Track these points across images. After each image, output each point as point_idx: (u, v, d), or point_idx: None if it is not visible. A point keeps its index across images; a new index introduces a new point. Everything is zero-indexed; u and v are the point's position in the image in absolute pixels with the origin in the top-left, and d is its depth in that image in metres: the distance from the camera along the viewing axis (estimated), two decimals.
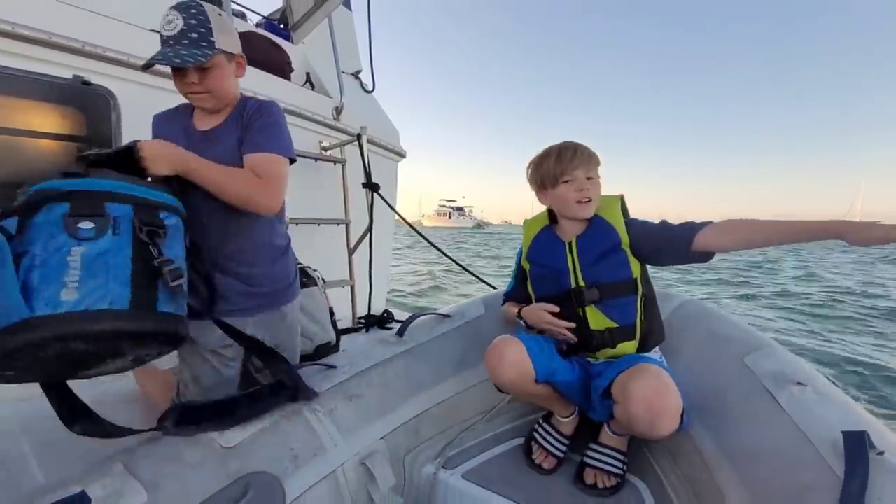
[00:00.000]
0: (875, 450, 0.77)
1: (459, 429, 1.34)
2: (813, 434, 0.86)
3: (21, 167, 1.43)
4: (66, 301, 0.72)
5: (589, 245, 1.19)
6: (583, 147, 1.21)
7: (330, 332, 1.83)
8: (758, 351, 1.13)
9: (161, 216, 0.90)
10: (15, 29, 1.41)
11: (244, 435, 0.96)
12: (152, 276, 0.83)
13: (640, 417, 0.93)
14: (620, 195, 1.24)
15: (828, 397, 0.95)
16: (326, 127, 2.53)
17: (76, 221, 0.77)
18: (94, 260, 0.76)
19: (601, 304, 1.16)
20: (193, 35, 1.04)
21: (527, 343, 1.12)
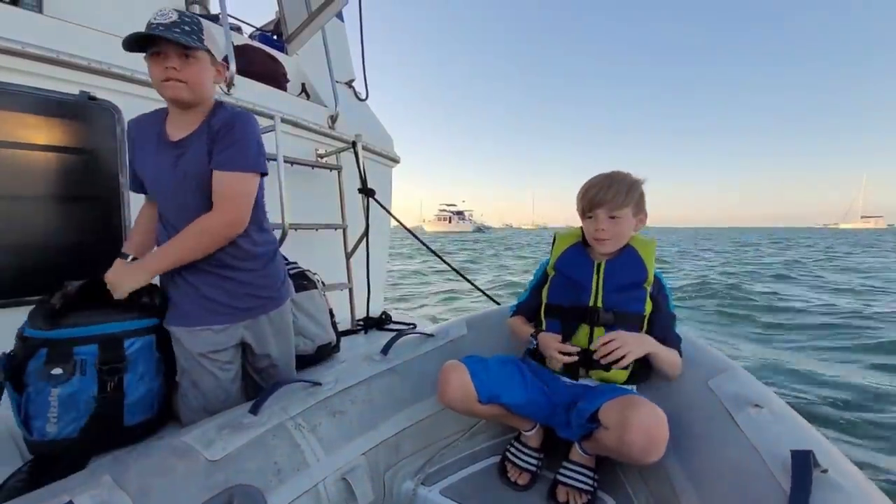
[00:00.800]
0: (819, 468, 0.83)
1: (439, 446, 1.37)
2: (765, 453, 0.92)
3: (31, 179, 1.49)
4: (49, 432, 1.09)
5: (616, 271, 1.24)
6: (616, 183, 1.22)
7: (330, 333, 1.89)
8: (721, 374, 1.18)
9: (126, 345, 1.16)
10: (24, 48, 1.48)
11: (230, 448, 0.98)
12: (116, 402, 1.14)
13: (635, 444, 0.97)
14: (654, 241, 1.27)
15: (782, 418, 1.01)
16: (322, 135, 2.60)
17: (51, 368, 1.07)
18: (66, 399, 1.09)
19: (611, 328, 1.19)
20: (185, 27, 1.07)
21: (471, 367, 1.20)
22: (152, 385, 1.22)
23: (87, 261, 1.63)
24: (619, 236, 1.23)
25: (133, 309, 1.20)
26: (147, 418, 1.21)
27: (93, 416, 1.10)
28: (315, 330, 1.81)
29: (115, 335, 1.14)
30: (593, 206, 1.22)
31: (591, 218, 1.24)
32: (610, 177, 1.24)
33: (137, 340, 1.18)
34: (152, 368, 1.22)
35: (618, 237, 1.23)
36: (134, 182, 1.26)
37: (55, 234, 1.55)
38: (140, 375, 1.18)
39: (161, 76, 1.09)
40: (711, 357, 1.28)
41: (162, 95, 1.13)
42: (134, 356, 1.17)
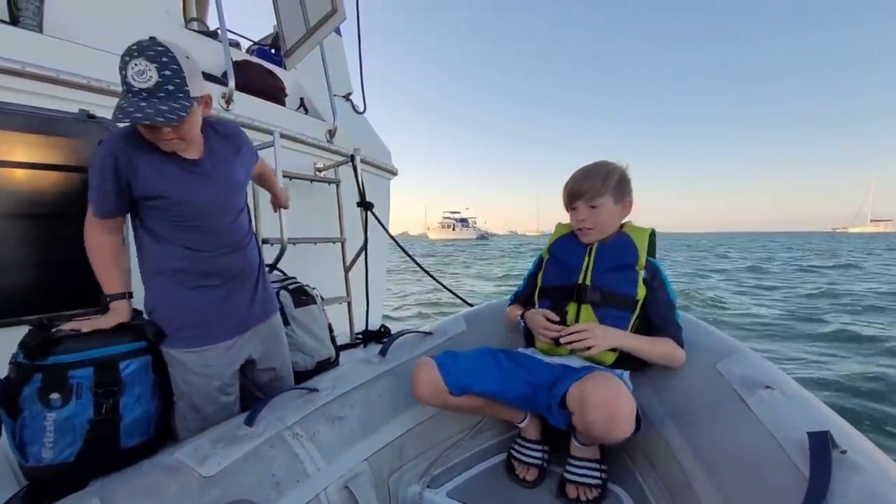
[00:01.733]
0: (838, 449, 0.80)
1: (443, 447, 1.34)
2: (780, 436, 0.89)
3: (30, 198, 1.49)
4: (45, 457, 1.07)
5: (608, 253, 1.26)
6: (592, 174, 1.26)
7: (330, 348, 1.88)
8: (729, 357, 1.15)
9: (121, 367, 1.14)
10: (24, 68, 1.48)
11: (225, 462, 0.95)
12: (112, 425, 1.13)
13: (597, 424, 0.96)
14: (651, 229, 1.29)
15: (795, 399, 0.98)
16: (321, 149, 2.61)
17: (47, 394, 1.05)
18: (63, 423, 1.07)
19: (598, 308, 1.21)
20: (169, 87, 1.00)
21: (440, 361, 1.21)
22: (149, 406, 1.20)
23: (86, 280, 1.63)
24: (602, 225, 1.27)
25: (127, 332, 1.19)
26: (144, 440, 1.19)
27: (89, 439, 1.09)
28: (314, 345, 1.79)
29: (110, 358, 1.13)
30: (573, 198, 1.28)
31: (574, 210, 1.30)
32: (586, 168, 1.29)
33: (133, 362, 1.17)
34: (148, 390, 1.20)
35: (600, 226, 1.27)
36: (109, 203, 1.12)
37: (53, 253, 1.54)
38: (136, 397, 1.17)
39: (154, 139, 1.08)
40: (719, 340, 1.26)
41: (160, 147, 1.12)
42: (130, 378, 1.15)
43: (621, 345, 1.17)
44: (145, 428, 1.19)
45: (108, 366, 1.12)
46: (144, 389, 1.19)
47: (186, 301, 1.20)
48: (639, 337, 1.19)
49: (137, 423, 1.16)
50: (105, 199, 1.12)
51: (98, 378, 1.10)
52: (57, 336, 1.09)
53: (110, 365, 1.12)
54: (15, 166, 1.46)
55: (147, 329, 1.21)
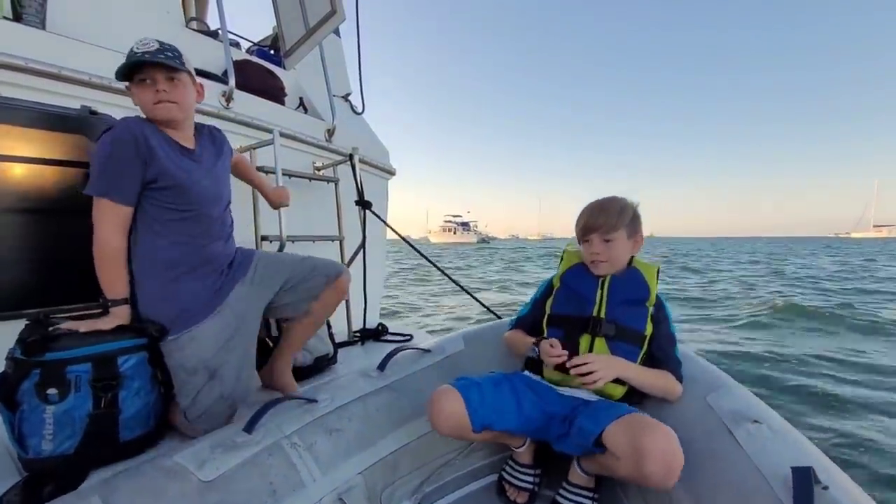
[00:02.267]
0: (820, 484, 0.83)
1: (436, 464, 1.34)
2: (766, 469, 0.92)
3: (32, 193, 1.50)
4: (45, 449, 1.08)
5: (620, 287, 1.27)
6: (607, 208, 1.29)
7: (328, 344, 1.90)
8: (718, 390, 1.18)
9: (119, 362, 1.15)
10: (27, 64, 1.50)
11: (223, 468, 0.96)
12: (111, 418, 1.14)
13: (656, 475, 0.94)
14: (658, 266, 1.32)
15: (780, 433, 1.01)
16: (320, 148, 2.63)
17: (45, 389, 1.06)
18: (62, 416, 1.08)
19: (611, 340, 1.22)
20: (168, 53, 1.20)
21: (465, 394, 1.15)
22: (148, 399, 1.21)
23: (84, 275, 1.64)
24: (615, 259, 1.28)
25: (126, 331, 1.20)
26: (143, 433, 1.21)
27: (88, 432, 1.10)
28: (313, 341, 1.81)
29: (108, 353, 1.14)
30: (587, 231, 1.30)
31: (588, 242, 1.31)
32: (602, 202, 1.31)
33: (131, 357, 1.18)
34: (147, 383, 1.22)
35: (613, 260, 1.28)
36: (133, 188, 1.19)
37: (53, 248, 1.55)
38: (135, 391, 1.18)
39: (152, 99, 1.20)
40: (709, 373, 1.29)
41: (154, 118, 1.24)
42: (128, 372, 1.17)
43: (625, 375, 1.18)
44: (145, 420, 1.20)
45: (107, 361, 1.13)
46: (143, 383, 1.20)
47: (176, 293, 1.26)
48: (642, 368, 1.21)
49: (136, 416, 1.18)
50: (131, 183, 1.18)
51: (96, 373, 1.11)
52: (53, 334, 1.09)
53: (109, 360, 1.14)
54: (16, 161, 1.47)
55: (148, 327, 1.24)
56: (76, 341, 1.12)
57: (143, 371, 1.21)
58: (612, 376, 1.16)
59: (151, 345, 1.25)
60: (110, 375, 1.14)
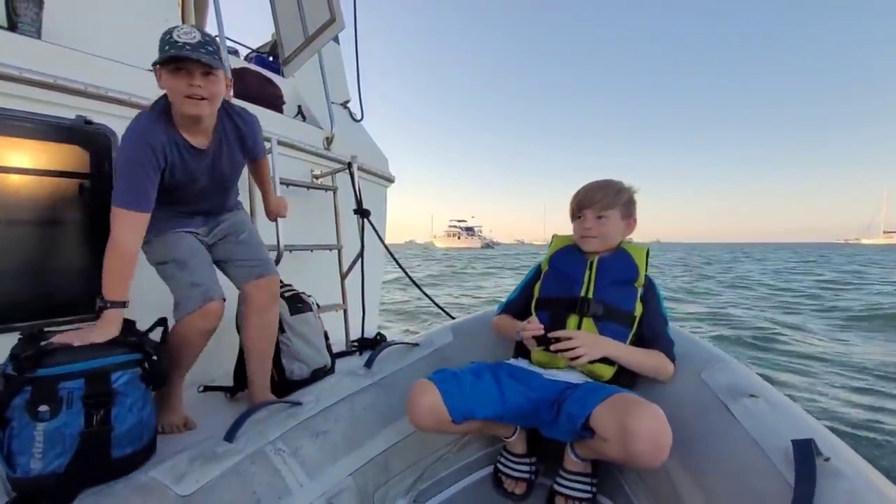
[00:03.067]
0: (822, 456, 0.81)
1: (430, 460, 1.32)
2: (765, 444, 0.90)
3: (26, 204, 1.48)
4: (34, 468, 1.04)
5: (609, 268, 1.28)
6: (604, 187, 1.30)
7: (325, 356, 1.87)
8: (713, 366, 1.16)
9: (113, 378, 1.13)
10: (22, 73, 1.48)
11: (203, 480, 0.92)
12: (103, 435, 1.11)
13: (645, 454, 0.93)
14: (647, 248, 1.32)
15: (778, 407, 0.99)
16: (318, 156, 2.61)
17: (36, 405, 1.03)
18: (52, 433, 1.05)
19: (600, 321, 1.21)
20: (210, 48, 1.19)
21: (442, 386, 1.14)
22: (140, 416, 1.19)
23: (79, 288, 1.62)
24: (606, 236, 1.29)
25: (119, 346, 1.19)
26: (136, 450, 1.18)
27: (79, 450, 1.07)
28: (309, 353, 1.79)
29: (101, 370, 1.12)
30: (582, 206, 1.31)
31: (580, 218, 1.32)
32: (599, 181, 1.33)
33: (125, 374, 1.16)
34: (140, 399, 1.19)
35: (604, 237, 1.28)
36: (152, 195, 1.23)
37: (47, 260, 1.53)
38: (128, 407, 1.16)
39: (184, 91, 1.19)
40: (703, 349, 1.27)
41: (180, 110, 1.23)
42: (122, 388, 1.14)
43: (613, 354, 1.17)
44: (137, 437, 1.17)
45: (100, 377, 1.11)
46: (136, 399, 1.18)
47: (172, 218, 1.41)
48: (630, 348, 1.20)
49: (129, 433, 1.15)
50: (150, 192, 1.23)
51: (89, 389, 1.09)
52: (47, 349, 1.08)
53: (102, 376, 1.12)
54: (10, 172, 1.45)
55: (144, 342, 1.23)
56: (69, 357, 1.09)
57: (136, 387, 1.19)
58: (598, 355, 1.14)
59: (146, 360, 1.23)
60: (103, 392, 1.11)
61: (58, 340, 1.11)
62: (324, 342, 1.90)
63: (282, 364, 1.70)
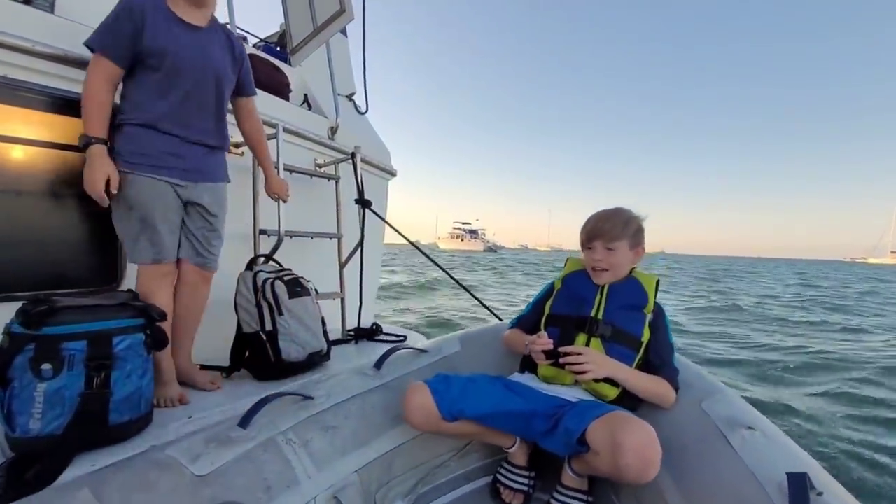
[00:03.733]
0: (815, 490, 0.84)
1: (431, 465, 1.35)
2: (761, 475, 0.93)
3: (33, 175, 1.50)
4: (32, 428, 1.05)
5: (619, 294, 1.31)
6: (613, 218, 1.33)
7: (321, 340, 1.89)
8: (713, 396, 1.20)
9: (115, 342, 1.15)
10: (34, 46, 1.49)
11: (218, 463, 0.95)
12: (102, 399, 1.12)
13: (631, 467, 0.95)
14: (658, 277, 1.35)
15: (774, 440, 1.03)
16: (321, 145, 2.63)
17: (39, 364, 1.05)
18: (53, 394, 1.06)
19: (607, 342, 1.24)
20: None
21: (434, 386, 1.20)
22: (140, 383, 1.20)
23: (83, 257, 1.63)
24: (616, 267, 1.31)
25: (123, 309, 1.20)
26: (132, 417, 1.19)
27: (78, 412, 1.08)
28: (306, 337, 1.80)
29: (104, 332, 1.13)
30: (591, 237, 1.33)
31: (591, 249, 1.34)
32: (608, 211, 1.36)
33: (126, 338, 1.17)
34: (140, 367, 1.20)
35: (615, 267, 1.31)
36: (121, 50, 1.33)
37: (51, 232, 1.55)
38: (127, 374, 1.17)
39: None
40: (704, 379, 1.30)
41: None
42: (122, 354, 1.16)
43: (618, 376, 1.19)
44: (136, 404, 1.18)
45: (102, 340, 1.12)
46: (136, 366, 1.19)
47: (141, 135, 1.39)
48: (636, 372, 1.23)
49: (127, 399, 1.16)
50: (115, 38, 1.33)
51: (91, 351, 1.10)
52: (54, 307, 1.08)
53: (104, 339, 1.13)
54: (19, 143, 1.46)
55: (150, 309, 1.25)
56: (74, 317, 1.10)
57: (136, 353, 1.20)
58: (604, 374, 1.17)
59: (150, 327, 1.25)
60: (104, 355, 1.13)
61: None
62: (321, 327, 1.92)
63: (278, 345, 1.71)
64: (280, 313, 1.73)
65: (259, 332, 1.73)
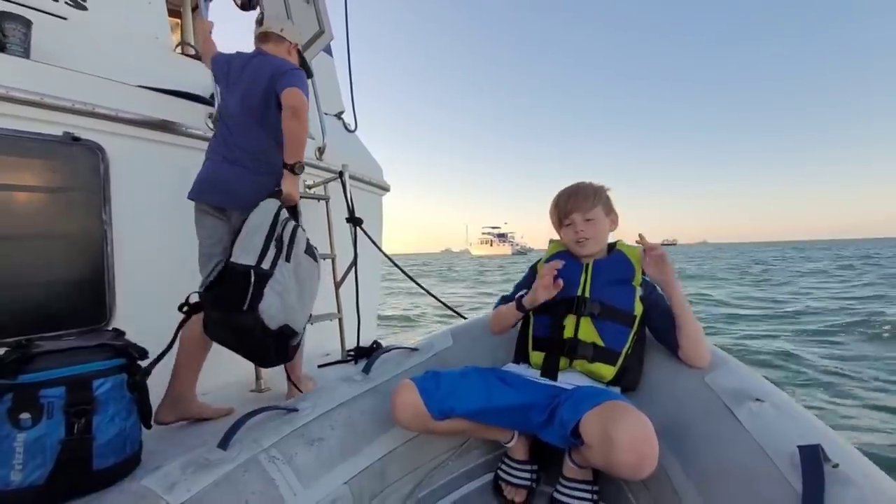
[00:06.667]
0: (830, 462, 0.79)
1: (428, 467, 1.30)
2: (771, 449, 0.87)
3: (13, 219, 1.50)
4: (13, 480, 1.03)
5: (605, 270, 1.30)
6: (582, 190, 1.33)
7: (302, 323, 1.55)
8: (717, 369, 1.14)
9: (94, 386, 1.13)
10: (9, 92, 1.50)
11: (195, 489, 0.89)
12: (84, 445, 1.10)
13: (625, 464, 0.90)
14: (642, 247, 1.29)
15: (785, 411, 0.97)
16: (310, 167, 2.63)
17: (18, 413, 1.03)
18: (33, 443, 1.04)
19: (597, 320, 1.21)
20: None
21: (420, 384, 1.15)
22: (123, 425, 1.17)
23: (70, 297, 1.62)
24: (598, 235, 1.32)
25: (102, 350, 1.18)
26: (118, 461, 1.16)
27: (60, 460, 1.05)
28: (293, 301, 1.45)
29: (82, 376, 1.11)
30: (568, 212, 1.33)
31: (569, 225, 1.33)
32: (574, 187, 1.37)
33: (107, 381, 1.15)
34: (124, 408, 1.18)
35: (597, 236, 1.32)
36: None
37: (36, 274, 1.54)
38: (111, 416, 1.15)
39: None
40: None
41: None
42: (103, 397, 1.14)
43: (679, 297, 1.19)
44: (120, 447, 1.16)
45: (81, 384, 1.11)
46: (119, 408, 1.17)
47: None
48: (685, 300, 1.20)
49: (112, 442, 1.14)
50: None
51: (70, 397, 1.08)
52: (30, 354, 1.07)
53: (83, 383, 1.11)
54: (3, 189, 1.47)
55: (129, 347, 1.23)
56: (50, 362, 1.09)
57: (119, 395, 1.18)
58: (673, 280, 1.19)
59: (131, 366, 1.23)
60: (84, 399, 1.11)
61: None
62: (310, 308, 1.62)
63: (263, 292, 1.34)
64: (287, 259, 1.44)
65: (252, 267, 1.37)
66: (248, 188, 1.60)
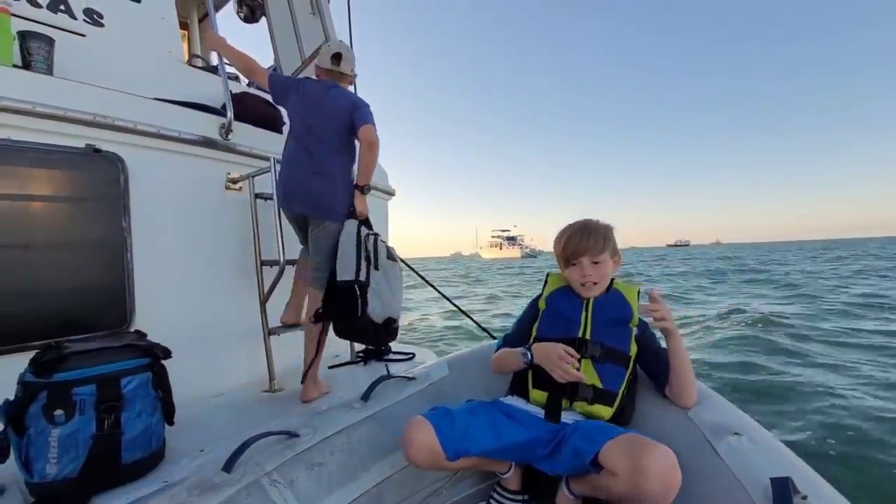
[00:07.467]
0: (799, 494, 0.85)
1: (423, 495, 1.32)
2: (746, 482, 0.94)
3: (39, 229, 1.57)
4: (49, 473, 1.11)
5: (604, 308, 1.31)
6: (593, 232, 1.32)
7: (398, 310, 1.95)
8: (700, 404, 1.20)
9: (122, 384, 1.21)
10: (35, 108, 1.58)
11: None
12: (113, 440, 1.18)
13: (655, 492, 0.94)
14: (639, 288, 1.35)
15: (760, 444, 1.03)
16: None
17: (52, 410, 1.10)
18: (66, 438, 1.12)
19: (598, 363, 1.24)
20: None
21: (436, 423, 1.15)
22: (150, 421, 1.25)
23: (93, 302, 1.70)
24: (603, 279, 1.33)
25: (129, 350, 1.25)
26: (144, 455, 1.23)
27: (91, 454, 1.12)
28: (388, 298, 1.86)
29: (111, 374, 1.18)
30: (577, 254, 1.32)
31: (576, 265, 1.33)
32: (585, 226, 1.35)
33: (134, 379, 1.22)
34: (149, 405, 1.25)
35: (602, 280, 1.32)
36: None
37: (61, 281, 1.62)
38: (137, 413, 1.22)
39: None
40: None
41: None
42: (131, 394, 1.20)
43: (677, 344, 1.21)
44: (147, 443, 1.23)
45: (110, 382, 1.18)
46: (145, 405, 1.24)
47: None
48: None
49: (139, 437, 1.21)
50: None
51: (100, 394, 1.15)
52: (62, 354, 1.14)
53: (112, 381, 1.18)
54: (22, 199, 1.54)
55: (155, 347, 1.30)
56: (82, 362, 1.16)
57: (144, 393, 1.25)
58: (673, 325, 1.18)
59: (155, 365, 1.30)
60: (113, 396, 1.18)
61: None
62: (401, 296, 2.00)
63: (367, 297, 1.77)
64: (376, 268, 1.84)
65: (354, 281, 1.78)
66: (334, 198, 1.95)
